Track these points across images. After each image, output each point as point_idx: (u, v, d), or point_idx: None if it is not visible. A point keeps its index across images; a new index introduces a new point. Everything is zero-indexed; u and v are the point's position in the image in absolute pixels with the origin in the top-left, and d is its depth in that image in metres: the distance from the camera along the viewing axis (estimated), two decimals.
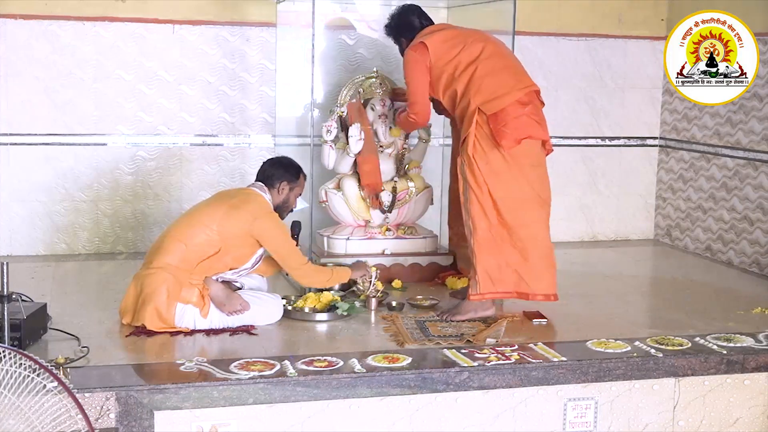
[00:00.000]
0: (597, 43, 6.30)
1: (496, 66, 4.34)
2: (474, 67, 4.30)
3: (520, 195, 4.21)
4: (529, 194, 4.23)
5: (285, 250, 4.20)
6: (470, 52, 4.36)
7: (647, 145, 6.50)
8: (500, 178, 4.19)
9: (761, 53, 4.97)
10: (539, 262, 4.24)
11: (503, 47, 4.49)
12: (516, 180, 4.20)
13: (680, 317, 4.44)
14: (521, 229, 4.20)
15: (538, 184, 4.28)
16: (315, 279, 4.31)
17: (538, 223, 4.26)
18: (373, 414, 3.50)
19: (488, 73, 4.29)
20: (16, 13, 5.40)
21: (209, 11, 5.66)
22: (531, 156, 4.25)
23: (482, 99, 4.23)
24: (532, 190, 4.24)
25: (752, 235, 5.58)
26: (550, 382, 3.66)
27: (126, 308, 4.05)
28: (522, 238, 4.20)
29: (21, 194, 5.54)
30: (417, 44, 4.48)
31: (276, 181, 4.31)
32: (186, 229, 4.09)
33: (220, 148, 5.79)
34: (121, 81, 5.59)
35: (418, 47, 4.46)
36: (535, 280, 4.24)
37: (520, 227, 4.20)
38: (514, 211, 4.19)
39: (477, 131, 4.20)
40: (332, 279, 4.35)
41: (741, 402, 3.88)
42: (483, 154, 4.19)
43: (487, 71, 4.29)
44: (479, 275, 4.21)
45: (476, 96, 4.25)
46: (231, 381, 3.36)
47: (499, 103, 4.19)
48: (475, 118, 4.21)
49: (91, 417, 3.02)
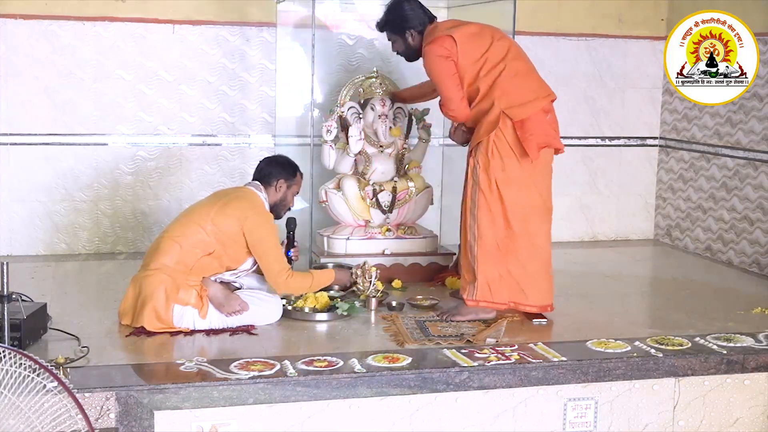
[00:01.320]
0: (597, 43, 6.30)
1: (521, 69, 4.24)
2: (501, 67, 4.19)
3: (529, 203, 4.18)
4: (537, 202, 4.21)
5: (270, 252, 4.14)
6: (498, 51, 4.21)
7: (647, 145, 6.50)
8: (513, 186, 4.14)
9: (761, 53, 4.97)
10: (539, 272, 4.22)
11: (521, 49, 4.41)
12: (528, 188, 4.17)
13: (680, 317, 4.44)
14: (527, 238, 4.18)
15: (546, 193, 4.26)
16: (293, 288, 4.22)
17: (542, 233, 4.24)
18: (373, 414, 3.50)
19: (515, 76, 4.19)
20: (16, 13, 5.40)
21: (209, 11, 5.66)
22: (545, 164, 4.23)
23: (508, 103, 4.13)
24: (540, 198, 4.22)
25: (752, 235, 5.58)
26: (550, 382, 3.66)
27: (125, 310, 4.05)
28: (526, 247, 4.18)
29: (21, 194, 5.54)
30: (443, 37, 4.24)
31: (273, 179, 4.31)
32: (181, 230, 4.09)
33: (220, 148, 5.79)
34: (121, 81, 5.59)
35: (445, 40, 4.23)
36: (534, 291, 4.21)
37: (525, 236, 4.18)
38: (522, 219, 4.16)
39: (497, 135, 4.13)
40: (313, 286, 4.29)
41: (741, 402, 3.88)
42: (499, 160, 4.13)
43: (514, 73, 4.19)
44: (479, 282, 4.19)
45: (501, 99, 4.14)
46: (231, 381, 3.36)
47: (526, 110, 4.12)
48: (498, 122, 4.12)
49: (91, 417, 3.02)
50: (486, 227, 4.17)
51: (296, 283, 4.21)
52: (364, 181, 5.12)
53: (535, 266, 4.22)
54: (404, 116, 5.25)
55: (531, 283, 4.21)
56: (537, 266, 4.22)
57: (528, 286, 4.21)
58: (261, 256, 4.15)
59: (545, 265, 4.26)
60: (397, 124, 5.20)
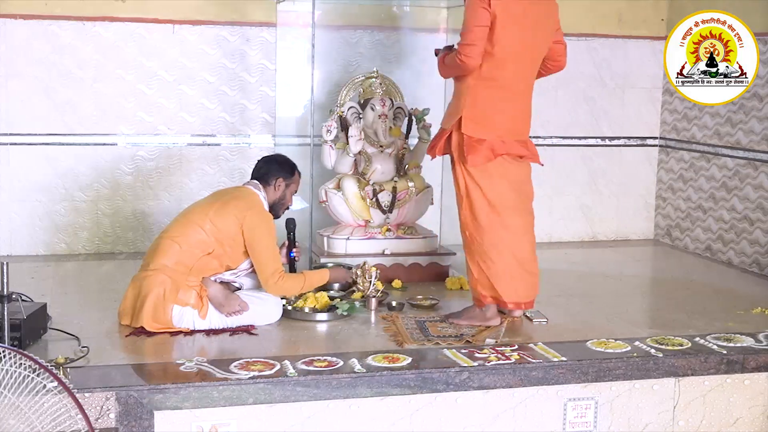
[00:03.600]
0: (597, 43, 6.30)
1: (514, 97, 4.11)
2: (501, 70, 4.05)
3: (497, 199, 4.11)
4: (504, 199, 4.13)
5: (265, 252, 4.12)
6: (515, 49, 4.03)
7: (647, 145, 6.50)
8: (481, 181, 4.09)
9: (761, 53, 4.97)
10: (510, 268, 4.14)
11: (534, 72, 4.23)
12: (493, 184, 4.10)
13: (680, 317, 4.44)
14: (492, 233, 4.11)
15: (514, 192, 4.17)
16: (285, 289, 4.21)
17: (513, 230, 4.14)
18: (373, 414, 3.50)
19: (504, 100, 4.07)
20: (16, 13, 5.40)
21: (209, 11, 5.66)
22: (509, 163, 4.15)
23: (472, 114, 4.08)
24: (510, 194, 4.14)
25: (752, 235, 5.58)
26: (550, 382, 3.66)
27: (124, 310, 4.05)
28: (493, 242, 4.12)
29: (21, 194, 5.54)
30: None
31: (271, 178, 4.31)
32: (180, 230, 4.09)
33: (219, 148, 5.79)
34: (121, 81, 5.59)
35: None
36: (504, 287, 4.14)
37: (491, 232, 4.11)
38: (487, 215, 4.11)
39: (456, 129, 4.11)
40: (305, 287, 4.27)
41: (741, 402, 3.88)
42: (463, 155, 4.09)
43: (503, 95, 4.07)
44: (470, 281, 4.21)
45: (472, 105, 4.06)
46: (231, 381, 3.36)
47: (478, 134, 4.06)
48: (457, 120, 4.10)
49: (91, 417, 3.02)
50: (462, 220, 4.18)
51: (288, 284, 4.20)
52: (364, 181, 5.12)
53: (505, 263, 4.13)
54: (404, 116, 5.26)
55: (502, 278, 4.13)
56: (507, 263, 4.13)
57: (498, 282, 4.14)
58: (255, 255, 4.13)
59: (519, 262, 4.17)
60: (397, 124, 5.21)
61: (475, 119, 4.08)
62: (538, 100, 4.50)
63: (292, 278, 4.25)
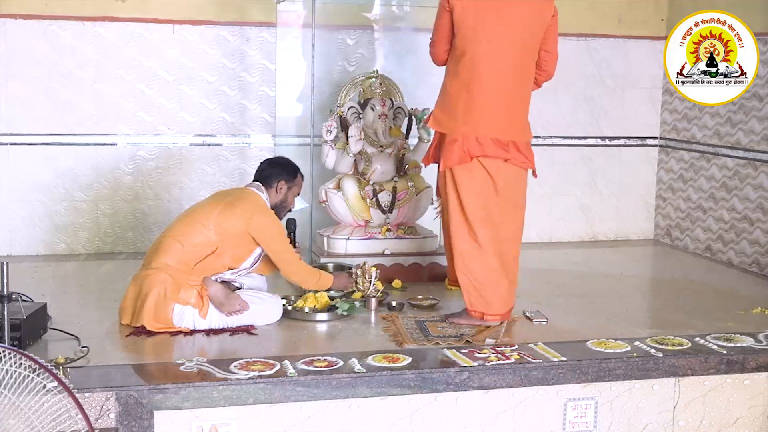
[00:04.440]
0: (597, 43, 6.30)
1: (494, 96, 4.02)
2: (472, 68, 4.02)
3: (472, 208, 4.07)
4: (476, 209, 4.07)
5: (281, 247, 4.21)
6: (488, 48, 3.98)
7: (647, 145, 6.51)
8: (459, 188, 4.06)
9: (761, 53, 4.97)
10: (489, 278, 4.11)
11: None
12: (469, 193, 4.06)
13: (680, 317, 4.44)
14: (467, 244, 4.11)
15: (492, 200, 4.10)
16: (307, 278, 4.31)
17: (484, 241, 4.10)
18: (373, 414, 3.50)
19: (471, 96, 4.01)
20: (16, 13, 5.40)
21: (209, 11, 5.66)
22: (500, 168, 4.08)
23: (439, 109, 4.09)
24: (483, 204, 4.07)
25: (752, 235, 5.58)
26: (550, 382, 3.66)
27: (125, 309, 4.05)
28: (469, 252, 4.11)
29: (21, 194, 5.54)
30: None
31: (274, 181, 4.32)
32: (183, 229, 4.10)
33: (220, 148, 5.80)
34: (121, 81, 5.59)
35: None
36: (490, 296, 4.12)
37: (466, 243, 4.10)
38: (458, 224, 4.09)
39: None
40: (319, 283, 4.34)
41: (741, 402, 3.88)
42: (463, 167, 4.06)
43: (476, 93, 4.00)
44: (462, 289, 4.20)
45: (440, 101, 4.08)
46: (231, 381, 3.36)
47: (447, 128, 4.06)
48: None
49: (91, 417, 3.02)
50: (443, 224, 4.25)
51: (309, 275, 4.31)
52: (364, 181, 5.12)
53: (483, 272, 4.10)
54: (404, 116, 5.26)
55: (466, 288, 4.12)
56: (484, 272, 4.10)
57: (464, 291, 4.13)
58: (274, 251, 4.20)
59: (495, 272, 4.10)
60: (397, 124, 5.21)
61: (440, 114, 4.11)
62: (538, 100, 4.51)
63: (311, 270, 4.37)
